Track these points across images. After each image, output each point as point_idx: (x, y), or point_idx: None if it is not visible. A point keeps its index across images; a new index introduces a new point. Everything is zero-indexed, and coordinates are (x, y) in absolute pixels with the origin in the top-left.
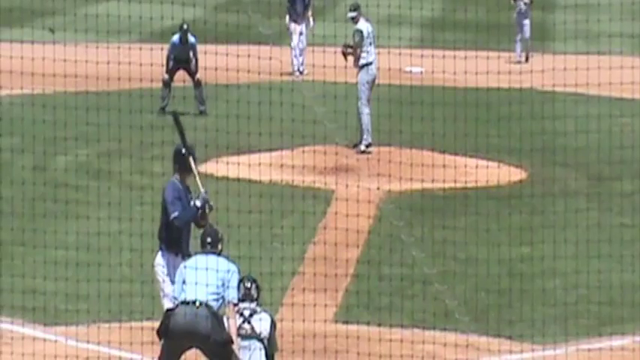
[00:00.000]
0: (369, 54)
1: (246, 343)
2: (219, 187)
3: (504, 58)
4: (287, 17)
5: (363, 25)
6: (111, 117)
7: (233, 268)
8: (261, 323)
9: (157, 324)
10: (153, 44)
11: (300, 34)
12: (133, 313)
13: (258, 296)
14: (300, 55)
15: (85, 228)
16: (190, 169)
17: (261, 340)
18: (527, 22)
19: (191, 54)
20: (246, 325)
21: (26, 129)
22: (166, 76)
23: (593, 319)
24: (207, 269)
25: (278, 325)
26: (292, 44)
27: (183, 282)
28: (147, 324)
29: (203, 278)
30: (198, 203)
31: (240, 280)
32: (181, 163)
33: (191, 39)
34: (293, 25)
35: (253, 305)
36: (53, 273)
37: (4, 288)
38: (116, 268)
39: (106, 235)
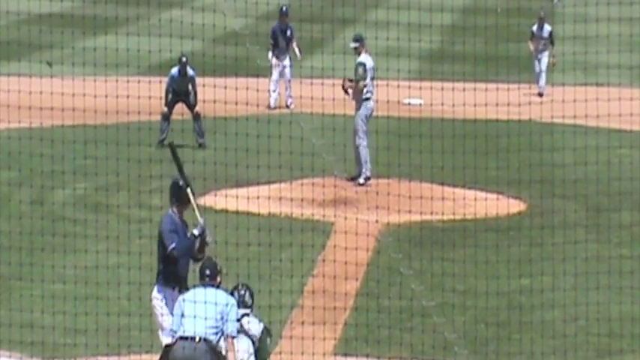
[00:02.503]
0: (370, 88)
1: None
2: (218, 219)
3: (502, 90)
4: (269, 52)
5: (367, 58)
6: (109, 150)
7: (232, 301)
8: (250, 325)
9: (155, 358)
10: (151, 77)
11: (284, 67)
12: (132, 347)
13: (252, 303)
14: (287, 88)
15: (84, 261)
16: (188, 202)
17: (249, 337)
18: (544, 55)
19: (190, 87)
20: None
21: (24, 163)
22: (165, 109)
23: (592, 351)
24: (205, 303)
25: (277, 358)
26: (272, 78)
27: (182, 315)
28: (145, 357)
29: (202, 312)
30: (196, 232)
31: (235, 288)
32: (178, 196)
33: (190, 72)
34: (275, 61)
35: (247, 311)
36: (51, 307)
37: (2, 322)
38: (115, 301)
39: (104, 268)
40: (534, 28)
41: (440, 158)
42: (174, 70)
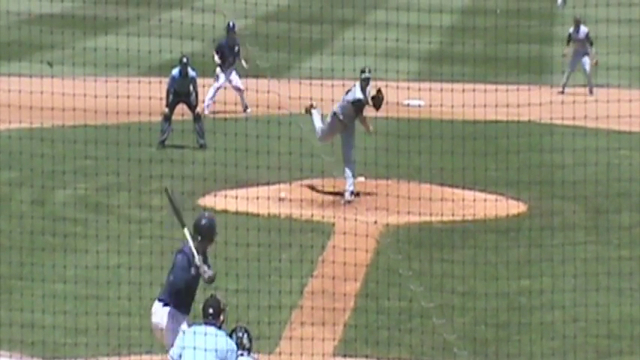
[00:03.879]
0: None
1: None
2: (219, 220)
3: (501, 91)
4: (218, 66)
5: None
6: (109, 151)
7: (232, 347)
8: None
9: (156, 358)
10: (151, 78)
11: (230, 81)
12: (132, 347)
13: (250, 346)
14: (240, 96)
15: (84, 261)
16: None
17: None
18: (586, 57)
19: (191, 87)
20: None
21: (24, 163)
22: (166, 110)
23: (592, 353)
24: (206, 350)
25: (277, 359)
26: (216, 84)
27: (183, 348)
28: (146, 357)
29: (201, 357)
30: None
31: (233, 330)
32: (209, 235)
33: (191, 72)
34: (221, 74)
35: (244, 352)
36: (52, 307)
37: (2, 322)
38: (115, 301)
39: (104, 268)
40: (571, 30)
41: (439, 159)
42: (175, 71)
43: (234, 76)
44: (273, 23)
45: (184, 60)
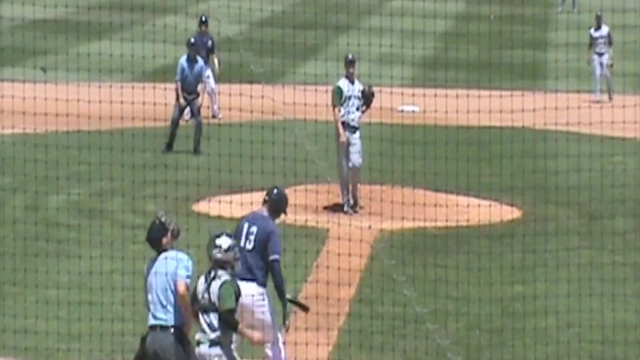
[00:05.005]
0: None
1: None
2: (212, 225)
3: (495, 97)
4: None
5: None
6: (103, 156)
7: (183, 263)
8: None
9: None
10: (145, 83)
11: (207, 77)
12: (126, 353)
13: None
14: (211, 99)
15: (78, 267)
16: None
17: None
18: (604, 58)
19: (199, 86)
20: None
21: (18, 168)
22: (183, 102)
23: (586, 358)
24: (156, 274)
25: None
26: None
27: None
28: None
29: (154, 283)
30: None
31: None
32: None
33: (200, 61)
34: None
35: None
36: (46, 312)
37: None
38: (109, 307)
39: (98, 274)
40: (592, 30)
41: (434, 165)
42: (183, 59)
43: (210, 78)
44: (268, 29)
45: (192, 40)
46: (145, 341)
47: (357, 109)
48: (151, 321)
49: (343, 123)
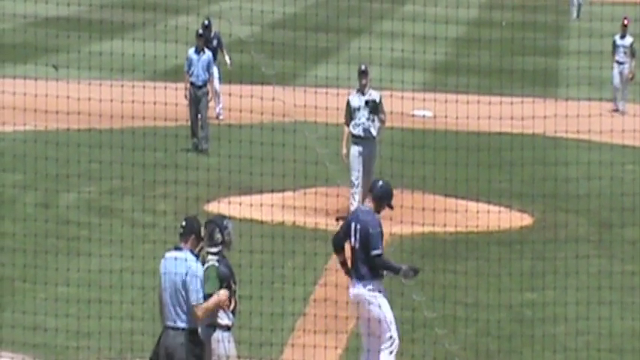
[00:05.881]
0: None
1: None
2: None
3: (506, 103)
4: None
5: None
6: (114, 155)
7: (193, 271)
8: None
9: None
10: (157, 83)
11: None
12: (136, 351)
13: (223, 240)
14: (215, 99)
15: (88, 265)
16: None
17: None
18: (625, 68)
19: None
20: None
21: (29, 165)
22: (189, 94)
23: None
24: (165, 274)
25: None
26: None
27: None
28: None
29: (165, 283)
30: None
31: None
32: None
33: (208, 53)
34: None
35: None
36: (56, 310)
37: (6, 324)
38: (119, 305)
39: (108, 272)
40: (616, 37)
41: (444, 170)
42: (191, 51)
43: (215, 78)
44: (280, 31)
45: (199, 31)
46: (159, 340)
47: (368, 119)
48: (164, 321)
49: (353, 136)
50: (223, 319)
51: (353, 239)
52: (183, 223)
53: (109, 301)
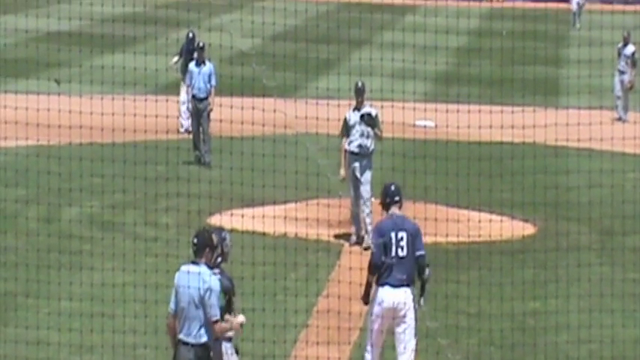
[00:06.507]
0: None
1: None
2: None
3: (507, 112)
4: (175, 66)
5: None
6: (117, 168)
7: (209, 285)
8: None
9: None
10: (158, 96)
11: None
12: None
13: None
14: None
15: (91, 279)
16: None
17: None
18: (624, 77)
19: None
20: None
21: (32, 180)
22: (190, 107)
23: None
24: (179, 287)
25: None
26: (181, 98)
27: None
28: None
29: (183, 297)
30: None
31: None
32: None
33: (208, 63)
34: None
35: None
36: (59, 324)
37: (9, 339)
38: (122, 319)
39: (111, 286)
40: (619, 46)
41: (446, 180)
42: (192, 65)
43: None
44: (281, 43)
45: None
46: (175, 355)
47: (362, 135)
48: (177, 334)
49: (350, 153)
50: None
51: (395, 249)
52: (195, 240)
53: (111, 315)
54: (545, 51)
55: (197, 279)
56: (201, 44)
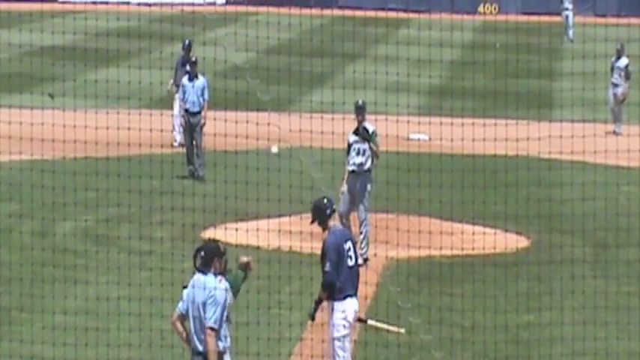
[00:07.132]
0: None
1: None
2: None
3: (500, 125)
4: (171, 82)
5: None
6: (111, 182)
7: (209, 295)
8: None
9: None
10: (152, 110)
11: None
12: None
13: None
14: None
15: (86, 293)
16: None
17: None
18: (618, 90)
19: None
20: None
21: (26, 194)
22: (182, 121)
23: None
24: (183, 300)
25: None
26: (175, 112)
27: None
28: None
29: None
30: None
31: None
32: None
33: (201, 78)
34: (178, 95)
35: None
36: (53, 338)
37: (3, 353)
38: (116, 333)
39: (105, 300)
40: (613, 59)
41: (440, 193)
42: (185, 79)
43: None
44: (275, 57)
45: (194, 59)
46: None
47: (358, 153)
48: (190, 345)
49: (350, 172)
50: (218, 346)
51: (347, 259)
52: (202, 253)
53: (106, 329)
54: (538, 64)
55: (202, 291)
56: (194, 58)
